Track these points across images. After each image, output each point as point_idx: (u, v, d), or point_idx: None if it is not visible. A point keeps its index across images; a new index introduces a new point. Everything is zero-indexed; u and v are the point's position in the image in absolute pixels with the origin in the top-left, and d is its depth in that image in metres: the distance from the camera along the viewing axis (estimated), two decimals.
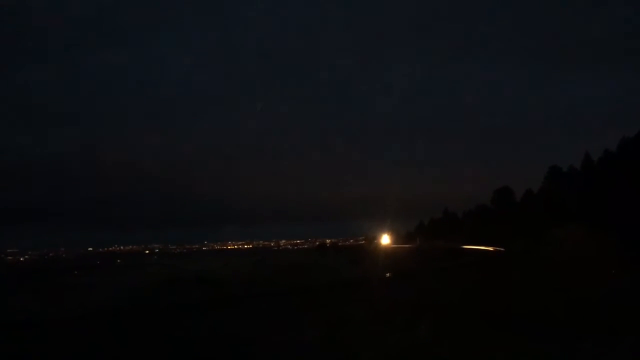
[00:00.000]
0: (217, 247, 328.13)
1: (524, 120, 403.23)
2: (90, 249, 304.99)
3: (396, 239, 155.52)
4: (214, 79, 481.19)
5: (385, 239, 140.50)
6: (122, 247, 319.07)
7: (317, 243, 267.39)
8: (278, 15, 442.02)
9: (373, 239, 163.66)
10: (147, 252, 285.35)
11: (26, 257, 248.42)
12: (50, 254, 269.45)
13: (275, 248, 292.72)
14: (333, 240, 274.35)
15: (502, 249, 74.89)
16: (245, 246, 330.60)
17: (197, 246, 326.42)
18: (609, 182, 55.60)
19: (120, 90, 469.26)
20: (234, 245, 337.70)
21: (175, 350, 13.04)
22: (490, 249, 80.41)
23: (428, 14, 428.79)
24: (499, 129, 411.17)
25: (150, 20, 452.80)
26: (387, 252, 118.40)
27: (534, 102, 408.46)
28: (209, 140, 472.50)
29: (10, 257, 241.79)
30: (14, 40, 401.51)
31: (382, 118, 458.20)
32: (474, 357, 10.14)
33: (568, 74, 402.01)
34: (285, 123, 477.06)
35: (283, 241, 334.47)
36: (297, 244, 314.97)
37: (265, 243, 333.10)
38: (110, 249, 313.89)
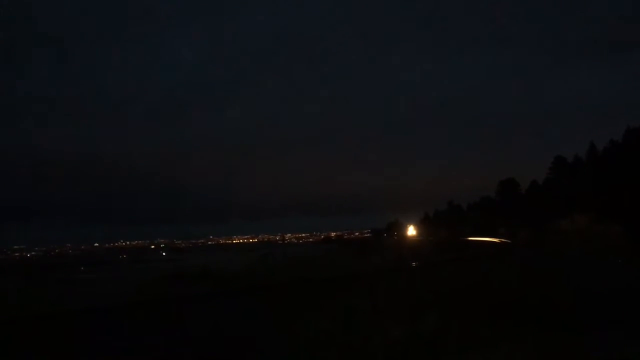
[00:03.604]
0: (222, 241, 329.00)
1: (529, 110, 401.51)
2: (97, 244, 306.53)
3: (399, 231, 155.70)
4: (217, 75, 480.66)
5: (411, 230, 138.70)
6: (127, 242, 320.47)
7: (323, 236, 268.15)
8: (283, 10, 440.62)
9: (394, 230, 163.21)
10: (152, 247, 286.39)
11: (32, 253, 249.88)
12: (56, 250, 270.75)
13: (281, 242, 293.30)
14: (338, 233, 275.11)
15: (507, 241, 74.71)
16: (251, 240, 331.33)
17: (202, 241, 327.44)
18: (614, 171, 55.27)
19: (122, 86, 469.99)
20: (239, 240, 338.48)
21: (183, 342, 13.10)
22: (496, 240, 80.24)
23: (432, 8, 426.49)
24: (504, 120, 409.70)
25: (150, 17, 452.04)
26: (391, 244, 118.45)
27: (539, 92, 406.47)
28: (213, 135, 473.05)
29: (16, 254, 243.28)
30: (14, 39, 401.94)
31: (385, 111, 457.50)
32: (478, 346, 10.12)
33: (573, 65, 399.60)
34: (291, 117, 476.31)
35: (288, 235, 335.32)
36: (302, 238, 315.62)
37: (271, 237, 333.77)
38: (116, 244, 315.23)
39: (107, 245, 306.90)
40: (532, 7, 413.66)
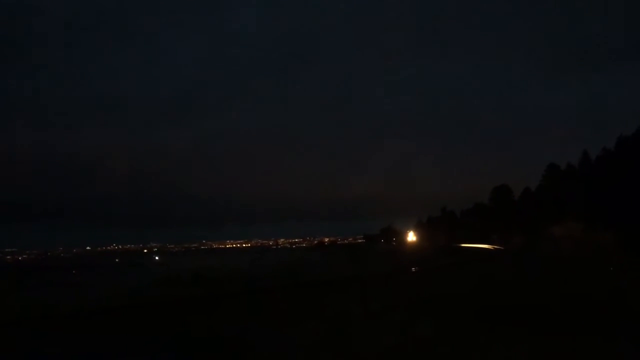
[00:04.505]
0: (215, 245, 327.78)
1: (523, 118, 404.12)
2: (89, 247, 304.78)
3: (397, 237, 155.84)
4: (212, 79, 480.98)
5: (411, 236, 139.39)
6: (120, 246, 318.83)
7: (316, 241, 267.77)
8: (283, 10, 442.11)
9: (392, 236, 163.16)
10: (145, 250, 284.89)
11: (24, 256, 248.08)
12: (48, 253, 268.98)
13: (274, 247, 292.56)
14: (332, 239, 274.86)
15: (500, 247, 74.91)
16: (244, 245, 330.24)
17: (195, 245, 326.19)
18: (607, 180, 55.58)
19: (119, 90, 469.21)
20: (232, 244, 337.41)
21: (175, 345, 13.03)
22: (489, 247, 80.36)
23: (429, 14, 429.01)
24: (497, 128, 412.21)
25: (151, 19, 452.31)
26: (389, 249, 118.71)
27: (533, 101, 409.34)
28: (207, 139, 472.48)
29: (8, 257, 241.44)
30: (15, 41, 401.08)
31: (381, 116, 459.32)
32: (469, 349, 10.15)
33: (569, 74, 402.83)
34: (285, 121, 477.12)
35: (282, 240, 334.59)
36: (295, 243, 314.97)
37: (264, 242, 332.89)
38: (109, 247, 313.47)
39: (99, 248, 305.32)
40: (530, 15, 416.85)
